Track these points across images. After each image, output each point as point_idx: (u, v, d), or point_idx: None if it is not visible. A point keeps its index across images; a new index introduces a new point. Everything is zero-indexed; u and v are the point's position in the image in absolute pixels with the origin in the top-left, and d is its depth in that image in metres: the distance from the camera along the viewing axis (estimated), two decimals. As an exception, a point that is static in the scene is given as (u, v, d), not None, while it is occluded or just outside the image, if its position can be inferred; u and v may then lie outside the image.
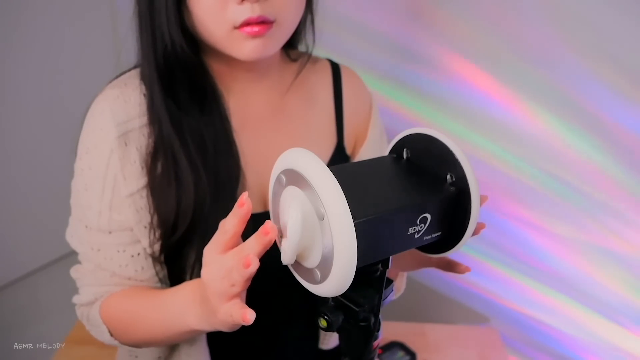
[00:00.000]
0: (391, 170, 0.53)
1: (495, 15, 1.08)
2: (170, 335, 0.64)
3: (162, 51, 0.66)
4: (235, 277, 0.46)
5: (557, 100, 1.07)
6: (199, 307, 0.56)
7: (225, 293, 0.48)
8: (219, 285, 0.48)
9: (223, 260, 0.48)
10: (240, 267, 0.45)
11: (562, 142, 1.10)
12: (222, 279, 0.48)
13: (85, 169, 0.68)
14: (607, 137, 1.04)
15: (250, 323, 0.47)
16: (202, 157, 0.67)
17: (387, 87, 1.23)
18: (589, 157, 1.08)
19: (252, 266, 0.44)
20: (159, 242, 0.68)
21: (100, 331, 0.70)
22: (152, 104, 0.67)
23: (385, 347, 1.05)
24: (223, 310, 0.50)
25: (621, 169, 1.05)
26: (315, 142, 0.80)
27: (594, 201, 1.11)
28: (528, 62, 1.08)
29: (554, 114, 1.09)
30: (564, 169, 1.12)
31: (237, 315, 0.48)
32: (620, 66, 0.97)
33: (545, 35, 1.04)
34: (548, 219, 1.17)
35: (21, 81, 1.39)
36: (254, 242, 0.45)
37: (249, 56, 0.64)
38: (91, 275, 0.71)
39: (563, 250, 1.18)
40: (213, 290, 0.49)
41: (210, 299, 0.51)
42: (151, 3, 0.64)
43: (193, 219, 0.66)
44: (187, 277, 0.69)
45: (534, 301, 1.25)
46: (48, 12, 1.40)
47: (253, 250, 0.45)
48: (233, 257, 0.46)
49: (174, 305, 0.61)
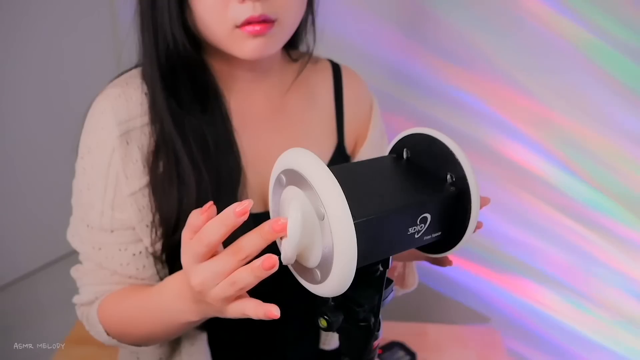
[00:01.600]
0: (391, 170, 0.53)
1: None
2: (163, 330, 0.64)
3: (164, 50, 0.66)
4: (248, 280, 0.44)
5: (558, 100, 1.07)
6: (186, 301, 0.54)
7: (231, 297, 0.47)
8: (221, 292, 0.46)
9: (217, 266, 0.45)
10: (260, 269, 0.43)
11: (563, 143, 1.10)
12: (223, 285, 0.46)
13: (87, 168, 0.68)
14: (607, 138, 1.05)
15: (278, 317, 0.45)
16: (204, 156, 0.67)
17: (389, 86, 1.23)
18: (589, 159, 1.08)
19: (276, 266, 0.43)
20: (161, 241, 0.68)
21: (97, 331, 0.70)
22: (153, 103, 0.67)
23: (385, 347, 1.05)
24: (232, 311, 0.49)
25: (621, 173, 1.06)
26: (316, 142, 0.80)
27: (594, 202, 1.11)
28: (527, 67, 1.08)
29: (555, 114, 1.09)
30: (564, 170, 1.12)
31: (260, 313, 0.46)
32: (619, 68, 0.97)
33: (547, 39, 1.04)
34: (548, 219, 1.17)
35: (22, 80, 1.39)
36: (256, 237, 0.43)
37: (250, 55, 0.64)
38: (91, 275, 0.71)
39: (563, 250, 1.18)
40: (215, 298, 0.47)
41: (213, 304, 0.49)
42: (153, 2, 0.64)
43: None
44: None
45: (534, 301, 1.25)
46: (49, 11, 1.40)
47: (256, 247, 0.43)
48: (231, 259, 0.44)
49: (162, 302, 0.61)
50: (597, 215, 1.11)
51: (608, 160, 1.07)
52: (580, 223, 1.13)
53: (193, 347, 0.73)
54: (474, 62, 1.14)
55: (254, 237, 0.43)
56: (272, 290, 0.72)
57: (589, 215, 1.12)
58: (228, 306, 0.49)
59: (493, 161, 1.17)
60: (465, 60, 1.15)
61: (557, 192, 1.14)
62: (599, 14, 0.98)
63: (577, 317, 1.20)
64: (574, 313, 1.20)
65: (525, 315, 1.28)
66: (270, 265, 0.43)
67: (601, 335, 1.18)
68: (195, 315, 0.56)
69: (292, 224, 0.42)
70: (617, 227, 1.10)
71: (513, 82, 1.11)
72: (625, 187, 1.07)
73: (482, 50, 1.12)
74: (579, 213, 1.13)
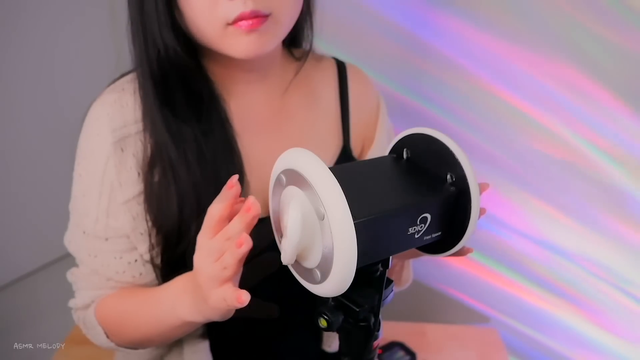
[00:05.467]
0: (391, 170, 0.53)
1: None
2: (163, 330, 0.64)
3: (155, 57, 0.64)
4: (228, 260, 0.47)
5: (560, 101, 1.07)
6: (190, 297, 0.56)
7: (216, 277, 0.49)
8: (210, 270, 0.49)
9: (211, 243, 0.48)
10: (233, 247, 0.45)
11: (564, 144, 1.10)
12: (212, 262, 0.48)
13: (83, 175, 0.68)
14: (609, 140, 1.05)
15: (245, 304, 0.47)
16: (201, 164, 0.65)
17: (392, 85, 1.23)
18: (589, 162, 1.08)
19: (244, 245, 0.45)
20: (160, 250, 0.67)
21: (96, 333, 0.70)
22: (147, 112, 0.66)
23: (385, 347, 1.05)
24: (215, 296, 0.50)
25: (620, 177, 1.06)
26: (320, 144, 0.78)
27: (594, 203, 1.11)
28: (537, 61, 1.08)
29: (554, 114, 1.09)
30: (564, 171, 1.12)
31: (231, 298, 0.48)
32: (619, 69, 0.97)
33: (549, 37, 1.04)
34: (548, 220, 1.17)
35: (20, 83, 1.38)
36: (238, 221, 0.45)
37: (245, 53, 0.61)
38: (88, 279, 0.70)
39: (563, 251, 1.18)
40: (204, 275, 0.50)
41: (202, 285, 0.51)
42: (141, 7, 0.62)
43: (197, 228, 0.66)
44: None
45: (533, 301, 1.25)
46: (46, 15, 1.40)
47: (237, 229, 0.45)
48: (220, 239, 0.47)
49: (165, 298, 0.62)
50: (597, 215, 1.11)
51: (612, 160, 1.07)
52: (580, 223, 1.14)
53: (195, 355, 0.72)
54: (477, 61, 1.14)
55: (236, 218, 0.47)
56: (273, 292, 0.72)
57: (589, 215, 1.12)
58: (213, 291, 0.50)
59: (493, 161, 1.17)
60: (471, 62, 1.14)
61: (557, 192, 1.14)
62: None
63: (577, 318, 1.20)
64: (574, 314, 1.20)
65: (525, 315, 1.28)
66: (239, 243, 0.45)
67: (601, 335, 1.18)
68: (187, 310, 0.57)
69: (292, 224, 0.42)
70: (617, 227, 1.10)
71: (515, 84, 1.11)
72: (626, 187, 1.07)
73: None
74: (579, 213, 1.13)
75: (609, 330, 1.17)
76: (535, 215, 1.18)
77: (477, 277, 1.29)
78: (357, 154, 0.82)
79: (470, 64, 1.14)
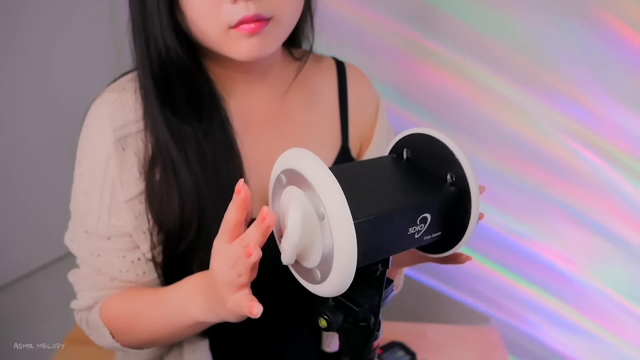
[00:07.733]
0: (391, 170, 0.53)
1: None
2: (174, 330, 0.64)
3: (156, 57, 0.64)
4: (241, 267, 0.47)
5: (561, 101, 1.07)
6: (204, 298, 0.56)
7: (233, 283, 0.49)
8: (227, 275, 0.49)
9: (229, 250, 0.49)
10: (243, 256, 0.46)
11: (565, 144, 1.10)
12: (230, 268, 0.48)
13: (85, 174, 0.68)
14: (610, 141, 1.05)
15: (258, 316, 0.47)
16: (202, 164, 0.66)
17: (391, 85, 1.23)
18: (589, 163, 1.08)
19: (253, 255, 0.45)
20: (161, 249, 0.67)
21: (100, 334, 0.70)
22: (148, 112, 0.66)
23: (385, 347, 1.05)
24: (232, 301, 0.50)
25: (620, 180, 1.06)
26: (319, 144, 0.78)
27: (595, 203, 1.11)
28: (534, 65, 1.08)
29: (554, 114, 1.09)
30: (564, 173, 1.12)
31: (245, 308, 0.48)
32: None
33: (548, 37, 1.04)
34: (548, 220, 1.17)
35: (21, 83, 1.38)
36: (254, 230, 0.46)
37: (246, 56, 0.62)
38: (90, 280, 0.70)
39: (563, 251, 1.18)
40: (222, 280, 0.50)
41: (220, 289, 0.51)
42: (143, 8, 0.63)
43: (198, 227, 0.66)
44: None
45: (533, 301, 1.26)
46: (46, 15, 1.40)
47: (254, 238, 0.46)
48: (237, 246, 0.47)
49: (177, 298, 0.61)
50: (597, 216, 1.11)
51: (612, 157, 1.07)
52: (580, 223, 1.14)
53: (195, 354, 0.72)
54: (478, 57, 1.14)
55: (252, 227, 0.46)
56: (274, 292, 0.72)
57: (589, 215, 1.12)
58: (230, 296, 0.50)
59: (494, 160, 1.17)
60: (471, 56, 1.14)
61: (557, 192, 1.14)
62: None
63: (577, 318, 1.20)
64: (574, 314, 1.20)
65: (525, 315, 1.28)
66: (248, 254, 0.46)
67: (601, 336, 1.18)
68: (201, 310, 0.57)
69: (292, 224, 0.42)
70: (617, 227, 1.10)
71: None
72: (626, 186, 1.07)
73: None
74: (579, 213, 1.13)
75: (609, 330, 1.17)
76: (536, 216, 1.18)
77: (477, 278, 1.29)
78: (355, 154, 0.82)
79: (470, 64, 1.14)
